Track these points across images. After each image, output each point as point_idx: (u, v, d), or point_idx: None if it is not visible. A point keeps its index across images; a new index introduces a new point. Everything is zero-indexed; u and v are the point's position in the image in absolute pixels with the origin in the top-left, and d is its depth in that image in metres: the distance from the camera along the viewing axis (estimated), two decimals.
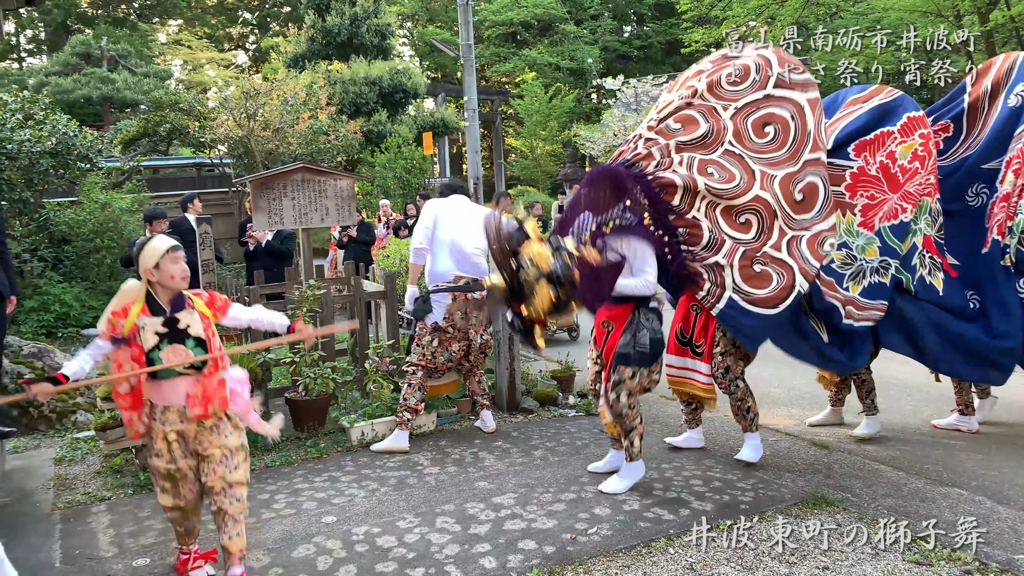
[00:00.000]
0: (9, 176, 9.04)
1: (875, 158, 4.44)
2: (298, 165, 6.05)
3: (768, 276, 4.16)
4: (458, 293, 5.19)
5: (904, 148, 4.44)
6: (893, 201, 4.50)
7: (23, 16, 33.50)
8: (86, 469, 5.10)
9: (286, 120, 12.57)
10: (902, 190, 4.49)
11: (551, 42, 31.53)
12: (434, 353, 5.25)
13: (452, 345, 5.30)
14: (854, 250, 4.49)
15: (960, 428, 5.39)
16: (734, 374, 4.70)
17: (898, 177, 4.47)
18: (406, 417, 5.16)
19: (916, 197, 4.51)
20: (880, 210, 4.49)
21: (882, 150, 4.44)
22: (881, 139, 4.45)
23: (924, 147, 4.51)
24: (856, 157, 4.49)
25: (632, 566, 3.45)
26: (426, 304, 5.17)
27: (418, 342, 5.30)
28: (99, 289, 10.23)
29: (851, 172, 4.48)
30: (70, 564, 3.70)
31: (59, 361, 6.32)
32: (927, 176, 4.51)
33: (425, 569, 3.48)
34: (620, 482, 4.32)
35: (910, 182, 4.48)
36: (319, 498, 4.37)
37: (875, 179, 4.48)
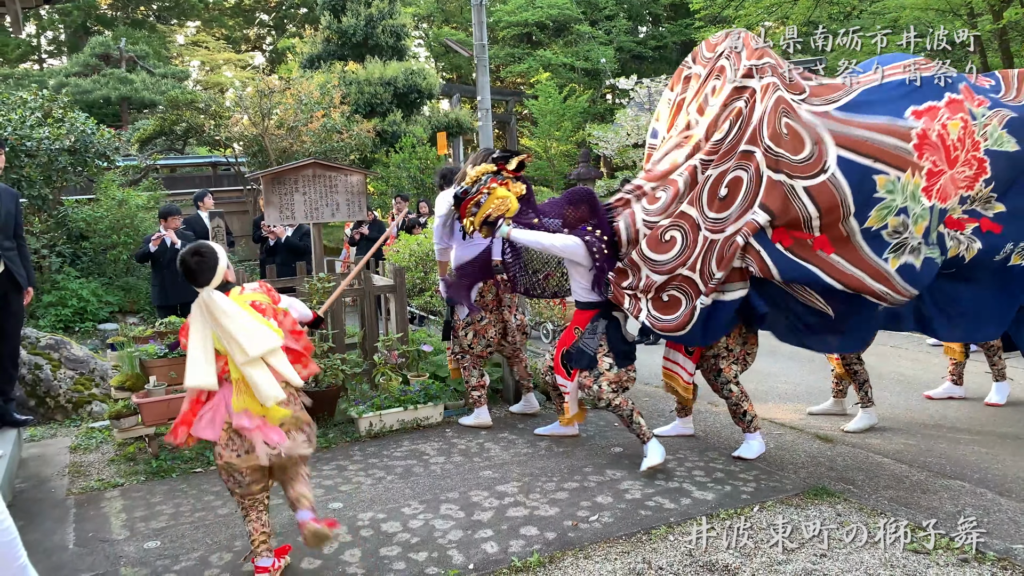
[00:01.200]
0: (28, 173, 9.19)
1: (933, 125, 4.12)
2: (309, 161, 6.13)
3: (677, 301, 4.37)
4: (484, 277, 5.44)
5: (952, 125, 4.17)
6: (947, 180, 4.15)
7: (44, 18, 33.96)
8: (100, 457, 5.20)
9: (300, 119, 12.69)
10: (953, 171, 4.18)
11: (566, 43, 31.55)
12: (471, 344, 5.45)
13: (488, 331, 5.48)
14: (910, 218, 4.03)
15: (953, 396, 5.82)
16: (726, 377, 4.72)
17: (950, 153, 4.16)
18: (476, 395, 5.49)
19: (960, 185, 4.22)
20: (939, 182, 4.14)
21: (936, 120, 4.14)
22: (933, 111, 4.15)
23: (965, 129, 4.22)
24: (916, 119, 4.11)
25: (631, 552, 3.50)
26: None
27: (455, 335, 5.49)
28: (116, 284, 10.38)
29: (916, 132, 4.07)
30: (83, 546, 3.79)
31: (75, 353, 6.44)
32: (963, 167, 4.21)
33: (428, 553, 3.55)
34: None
35: (956, 166, 4.18)
36: (326, 485, 4.44)
37: (936, 146, 4.12)
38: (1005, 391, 5.79)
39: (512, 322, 5.56)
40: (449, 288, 5.39)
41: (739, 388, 4.72)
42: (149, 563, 3.57)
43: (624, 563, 3.39)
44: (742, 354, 4.79)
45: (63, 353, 6.35)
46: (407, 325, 6.18)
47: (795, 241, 4.11)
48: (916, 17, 15.42)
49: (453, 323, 5.49)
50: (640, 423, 4.50)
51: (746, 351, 4.81)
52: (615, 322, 4.66)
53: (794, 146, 4.04)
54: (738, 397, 4.70)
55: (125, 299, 10.20)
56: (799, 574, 3.25)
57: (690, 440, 5.13)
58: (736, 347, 4.76)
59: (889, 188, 3.98)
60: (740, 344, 4.77)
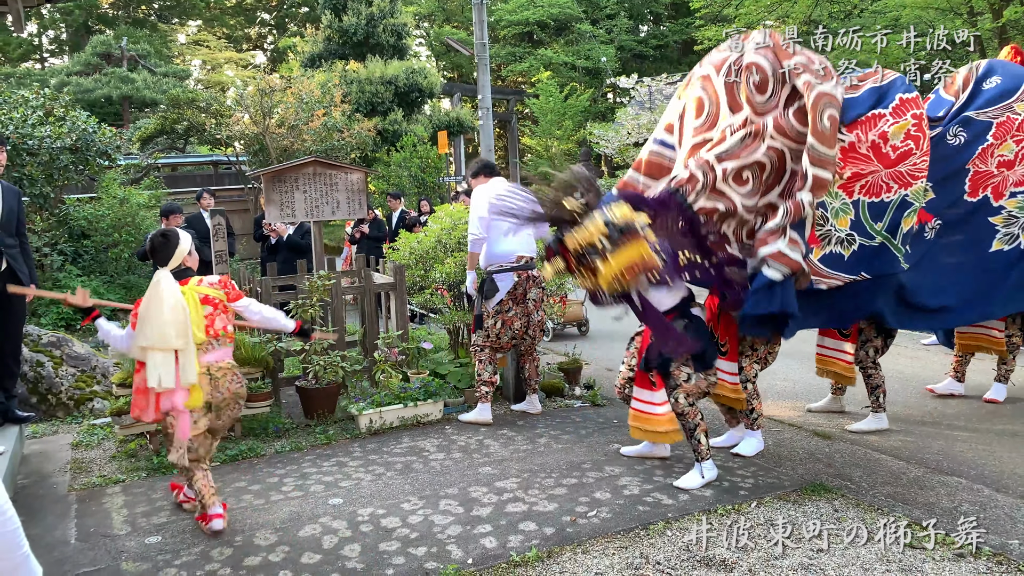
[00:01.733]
0: (30, 172, 9.22)
1: (867, 136, 4.38)
2: (310, 159, 6.16)
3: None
4: (520, 271, 5.52)
5: (897, 128, 4.39)
6: (880, 176, 4.41)
7: (45, 17, 34.01)
8: (102, 453, 5.23)
9: (301, 117, 12.71)
10: (893, 169, 4.42)
11: (567, 42, 31.56)
12: (499, 334, 5.53)
13: (515, 323, 5.56)
14: (828, 212, 4.37)
15: (954, 392, 5.94)
16: (746, 375, 4.76)
17: (889, 156, 4.40)
18: (484, 391, 5.55)
19: (908, 180, 4.44)
20: (864, 180, 4.41)
21: (874, 130, 4.39)
22: (873, 120, 4.41)
23: (917, 127, 4.45)
24: (848, 133, 4.40)
25: (629, 547, 3.52)
26: (493, 284, 5.46)
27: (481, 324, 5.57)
28: (117, 283, 10.41)
29: (842, 146, 4.35)
30: (84, 541, 3.82)
31: (76, 350, 6.47)
32: (922, 158, 4.44)
33: (427, 548, 3.57)
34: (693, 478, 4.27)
35: (903, 162, 4.41)
36: (326, 481, 4.47)
37: (864, 156, 4.40)
38: (1003, 390, 5.82)
39: (535, 317, 5.64)
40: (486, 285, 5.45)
41: (754, 387, 4.78)
42: (150, 558, 3.60)
43: (622, 558, 3.42)
44: (764, 354, 4.83)
45: (65, 350, 6.38)
46: (407, 323, 6.21)
47: None
48: (917, 16, 15.43)
49: (483, 313, 5.55)
50: (701, 440, 4.29)
51: (768, 350, 4.84)
52: (695, 321, 4.30)
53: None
54: (750, 395, 4.75)
55: (126, 297, 10.22)
56: (796, 569, 3.27)
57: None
58: (760, 346, 4.79)
59: None
60: (764, 343, 4.79)
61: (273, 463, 4.84)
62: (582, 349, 7.28)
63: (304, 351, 5.59)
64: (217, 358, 3.83)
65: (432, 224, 6.75)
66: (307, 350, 5.57)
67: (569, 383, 6.36)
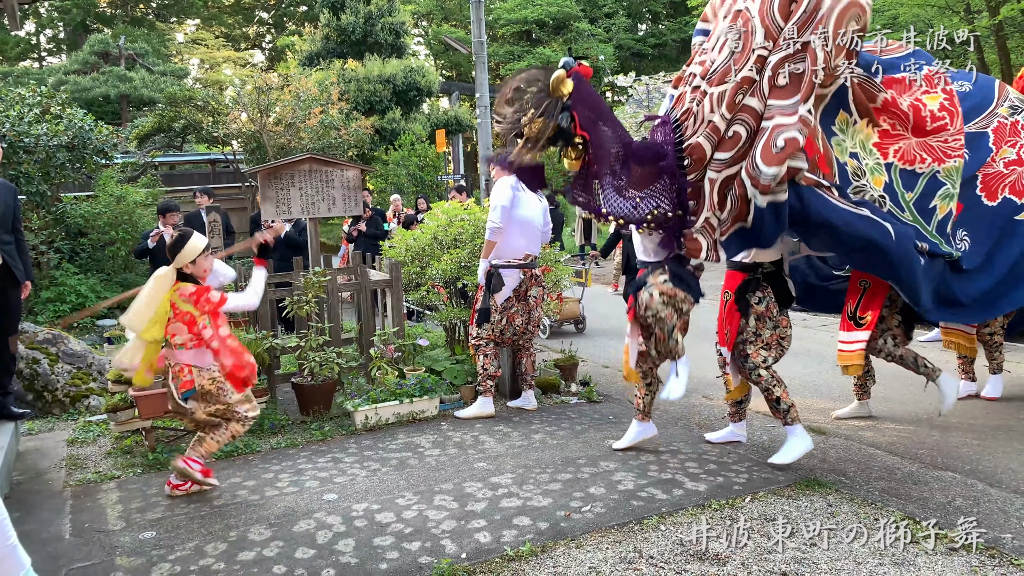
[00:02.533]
0: (27, 169, 9.22)
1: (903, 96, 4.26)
2: (305, 155, 6.16)
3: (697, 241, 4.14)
4: (525, 268, 5.59)
5: (931, 98, 4.29)
6: (912, 146, 4.30)
7: (43, 16, 33.99)
8: (97, 450, 5.23)
9: (298, 115, 12.71)
10: (924, 139, 4.30)
11: (565, 40, 31.56)
12: (502, 329, 5.59)
13: (516, 320, 5.62)
14: (862, 165, 4.21)
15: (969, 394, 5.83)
16: (754, 362, 4.45)
17: (926, 124, 4.30)
18: (489, 384, 5.63)
19: (940, 155, 4.32)
20: (898, 144, 4.28)
21: (910, 93, 4.28)
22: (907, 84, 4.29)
23: (950, 102, 4.36)
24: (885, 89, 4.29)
25: (623, 541, 3.53)
26: (500, 279, 5.52)
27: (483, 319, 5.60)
28: (114, 281, 10.42)
29: (884, 98, 4.26)
30: (79, 537, 3.82)
31: (73, 347, 6.47)
32: (955, 136, 4.33)
33: (421, 543, 3.57)
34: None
35: (935, 136, 4.30)
36: (321, 477, 4.47)
37: (903, 114, 4.28)
38: (1000, 384, 5.81)
39: (535, 314, 5.70)
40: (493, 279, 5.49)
41: (769, 373, 4.43)
42: (145, 553, 3.60)
43: (615, 552, 3.42)
44: (774, 338, 4.50)
45: (61, 347, 6.38)
46: (403, 319, 6.21)
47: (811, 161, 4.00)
48: (915, 15, 15.43)
49: (489, 308, 5.57)
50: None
51: (779, 335, 4.52)
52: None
53: None
54: (767, 382, 4.41)
55: None
56: (789, 563, 3.27)
57: (684, 432, 5.16)
58: (766, 331, 4.48)
59: (841, 127, 4.14)
60: (771, 329, 4.50)
61: (268, 459, 4.84)
62: (579, 346, 7.30)
63: (299, 347, 5.59)
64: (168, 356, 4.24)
65: (428, 221, 6.75)
66: (303, 347, 5.57)
67: (565, 379, 6.36)
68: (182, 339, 4.15)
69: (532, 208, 5.63)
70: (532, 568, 3.31)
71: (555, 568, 3.30)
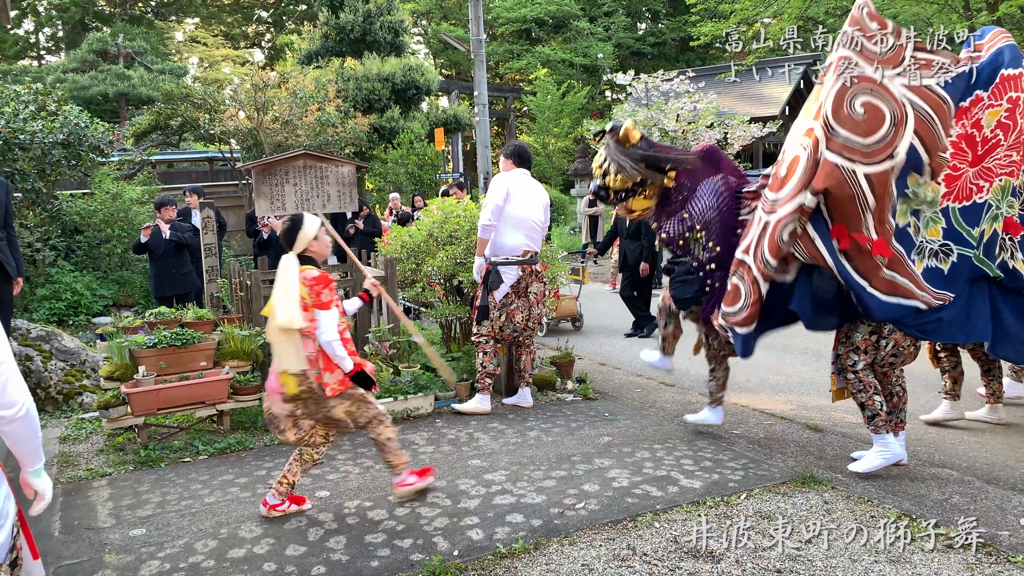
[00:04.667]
0: (22, 167, 9.18)
1: (967, 128, 3.93)
2: (300, 151, 6.12)
3: (737, 291, 4.15)
4: (524, 265, 5.55)
5: (991, 115, 3.92)
6: (968, 178, 3.97)
7: (41, 15, 33.95)
8: (90, 447, 5.19)
9: (295, 112, 12.68)
10: (980, 165, 3.96)
11: (564, 39, 31.53)
12: (502, 326, 5.57)
13: (516, 316, 5.59)
14: (920, 221, 3.92)
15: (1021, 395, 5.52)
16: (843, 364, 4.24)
17: (978, 148, 3.94)
18: (487, 382, 5.63)
19: (994, 175, 3.97)
20: (954, 185, 3.96)
21: (970, 116, 3.94)
22: (972, 105, 3.95)
23: (1010, 115, 3.94)
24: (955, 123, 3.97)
25: (617, 538, 3.49)
26: (498, 276, 5.50)
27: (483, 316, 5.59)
28: (110, 278, 10.38)
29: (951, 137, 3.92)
30: (68, 534, 3.78)
31: (66, 344, 6.43)
32: (1009, 151, 3.94)
33: (413, 540, 3.54)
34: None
35: (990, 156, 3.94)
36: (314, 474, 4.43)
37: (958, 148, 3.94)
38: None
39: (535, 310, 5.67)
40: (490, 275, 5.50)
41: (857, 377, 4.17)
42: (134, 550, 3.57)
43: (609, 549, 3.39)
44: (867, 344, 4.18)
45: (54, 344, 6.34)
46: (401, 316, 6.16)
47: (853, 244, 3.82)
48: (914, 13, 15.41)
49: (488, 305, 5.55)
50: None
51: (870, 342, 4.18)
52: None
53: (867, 127, 3.75)
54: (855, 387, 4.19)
55: (119, 292, 10.21)
56: (783, 559, 3.24)
57: (680, 429, 5.12)
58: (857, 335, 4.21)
59: (915, 186, 3.86)
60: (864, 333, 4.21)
61: (261, 456, 4.81)
62: (575, 343, 7.26)
63: None
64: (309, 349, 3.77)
65: (423, 218, 6.72)
66: None
67: (561, 377, 6.33)
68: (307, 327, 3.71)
69: (531, 205, 5.58)
70: (524, 565, 3.28)
71: (548, 565, 3.27)
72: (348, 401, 3.82)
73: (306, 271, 3.73)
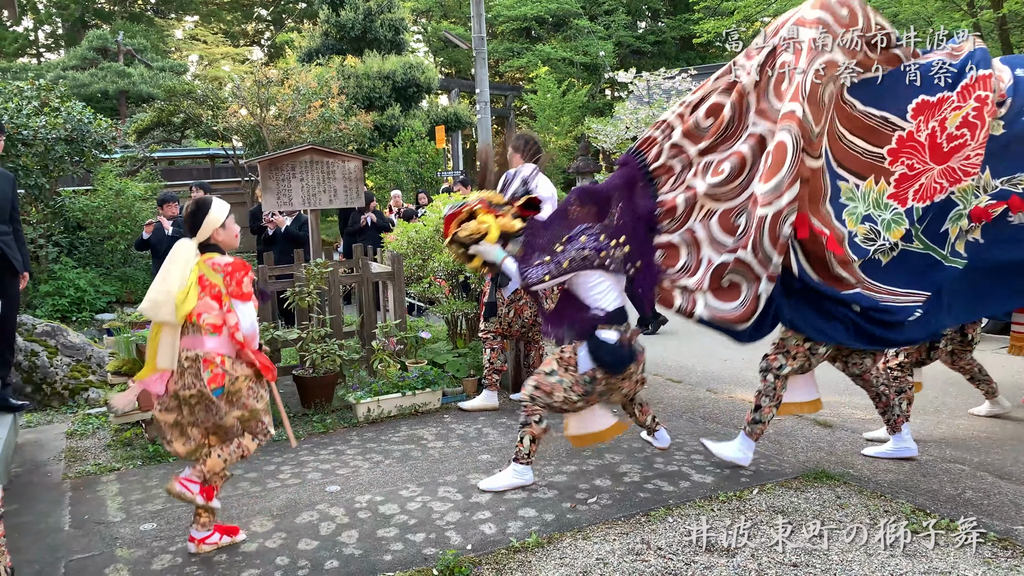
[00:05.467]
0: (25, 162, 9.15)
1: (928, 124, 3.90)
2: (307, 147, 6.11)
3: (736, 288, 3.88)
4: None
5: (956, 114, 3.88)
6: (933, 177, 3.91)
7: (41, 12, 33.88)
8: (97, 443, 5.18)
9: (298, 109, 12.65)
10: (945, 165, 3.91)
11: (564, 37, 31.50)
12: (510, 322, 5.55)
13: (525, 312, 5.57)
14: (879, 225, 3.88)
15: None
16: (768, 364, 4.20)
17: (942, 147, 3.89)
18: (494, 379, 5.62)
19: (959, 176, 3.90)
20: (916, 183, 3.91)
21: (936, 116, 3.90)
22: (940, 104, 3.91)
23: (977, 113, 3.88)
24: (912, 119, 3.93)
25: (631, 533, 3.48)
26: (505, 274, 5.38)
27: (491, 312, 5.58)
28: (113, 275, 10.36)
29: (899, 135, 3.90)
30: (78, 528, 3.77)
31: (72, 340, 6.41)
32: (976, 150, 3.88)
33: (426, 534, 3.53)
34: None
35: (956, 156, 3.89)
36: (324, 469, 4.42)
37: (920, 146, 3.90)
38: None
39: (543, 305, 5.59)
40: None
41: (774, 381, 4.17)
42: (145, 544, 3.55)
43: (623, 543, 3.37)
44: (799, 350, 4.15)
45: (60, 340, 6.32)
46: (405, 312, 6.16)
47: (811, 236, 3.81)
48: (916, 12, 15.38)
49: (497, 301, 5.53)
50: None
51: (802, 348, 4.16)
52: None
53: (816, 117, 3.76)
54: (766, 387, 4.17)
55: (122, 289, 10.19)
56: (799, 553, 3.23)
57: (690, 425, 5.11)
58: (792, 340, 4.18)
59: (849, 195, 3.91)
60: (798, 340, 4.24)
61: (270, 451, 4.79)
62: None
63: (300, 339, 5.54)
64: (188, 346, 3.33)
65: (429, 214, 6.70)
66: (304, 339, 5.52)
67: None
68: (212, 320, 3.31)
69: (545, 203, 5.53)
70: (539, 559, 3.26)
71: (562, 559, 3.25)
72: (240, 410, 3.43)
73: (216, 258, 3.39)
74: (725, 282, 3.92)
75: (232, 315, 3.35)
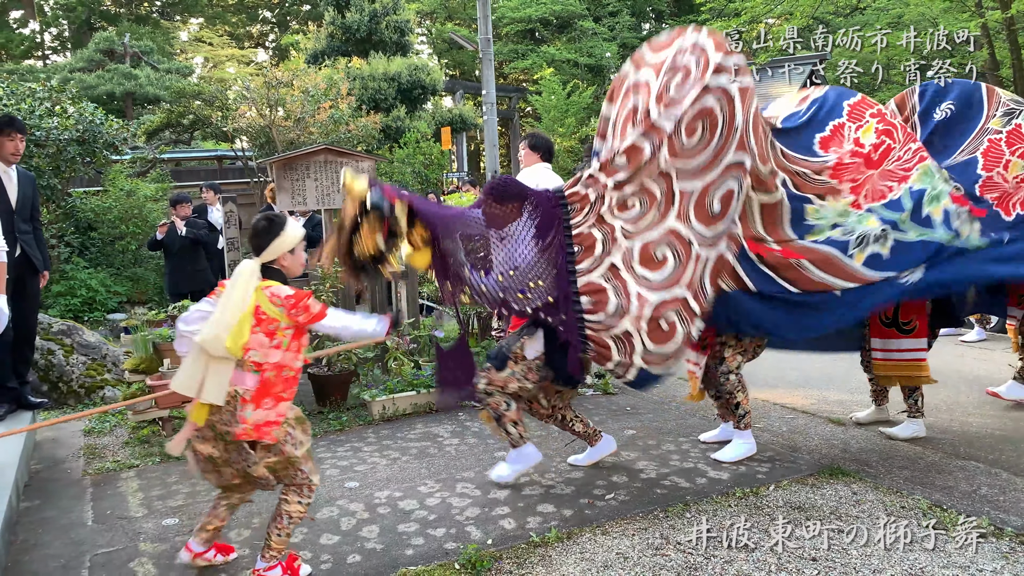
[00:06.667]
0: (37, 163, 9.19)
1: (843, 147, 4.20)
2: (321, 147, 6.16)
3: (674, 327, 3.75)
4: None
5: (864, 131, 4.19)
6: (875, 181, 4.12)
7: (48, 14, 34.00)
8: (115, 440, 5.22)
9: (307, 110, 12.70)
10: (881, 169, 4.16)
11: (569, 39, 31.53)
12: None
13: None
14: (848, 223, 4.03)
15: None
16: (728, 367, 4.36)
17: (871, 157, 4.17)
18: None
19: (902, 173, 4.11)
20: (865, 189, 4.10)
21: (846, 140, 4.20)
22: (838, 131, 4.23)
23: (882, 121, 4.22)
24: (825, 153, 4.21)
25: (649, 528, 3.51)
26: None
27: None
28: (124, 275, 10.41)
29: (829, 165, 4.15)
30: (102, 523, 3.81)
31: (87, 339, 6.46)
32: (904, 147, 4.15)
33: (446, 529, 3.56)
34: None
35: (887, 160, 4.15)
36: (342, 466, 4.46)
37: (853, 165, 4.17)
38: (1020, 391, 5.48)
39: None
40: None
41: (737, 379, 4.36)
42: (168, 539, 3.59)
43: (642, 539, 3.41)
44: (752, 345, 4.47)
45: (75, 339, 6.37)
46: (419, 310, 6.20)
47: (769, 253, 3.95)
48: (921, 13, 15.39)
49: None
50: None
51: (756, 343, 4.48)
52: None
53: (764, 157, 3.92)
54: (733, 386, 4.35)
55: (133, 289, 10.23)
56: (818, 548, 3.26)
57: (704, 423, 5.14)
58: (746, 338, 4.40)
59: (817, 215, 4.06)
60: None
61: None
62: None
63: (316, 338, 5.58)
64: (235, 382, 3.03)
65: None
66: (319, 337, 5.55)
67: None
68: (257, 357, 3.03)
69: None
70: (559, 553, 3.30)
71: (582, 554, 3.29)
72: (276, 456, 3.09)
73: (275, 288, 3.06)
74: (664, 323, 3.74)
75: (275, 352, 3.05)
